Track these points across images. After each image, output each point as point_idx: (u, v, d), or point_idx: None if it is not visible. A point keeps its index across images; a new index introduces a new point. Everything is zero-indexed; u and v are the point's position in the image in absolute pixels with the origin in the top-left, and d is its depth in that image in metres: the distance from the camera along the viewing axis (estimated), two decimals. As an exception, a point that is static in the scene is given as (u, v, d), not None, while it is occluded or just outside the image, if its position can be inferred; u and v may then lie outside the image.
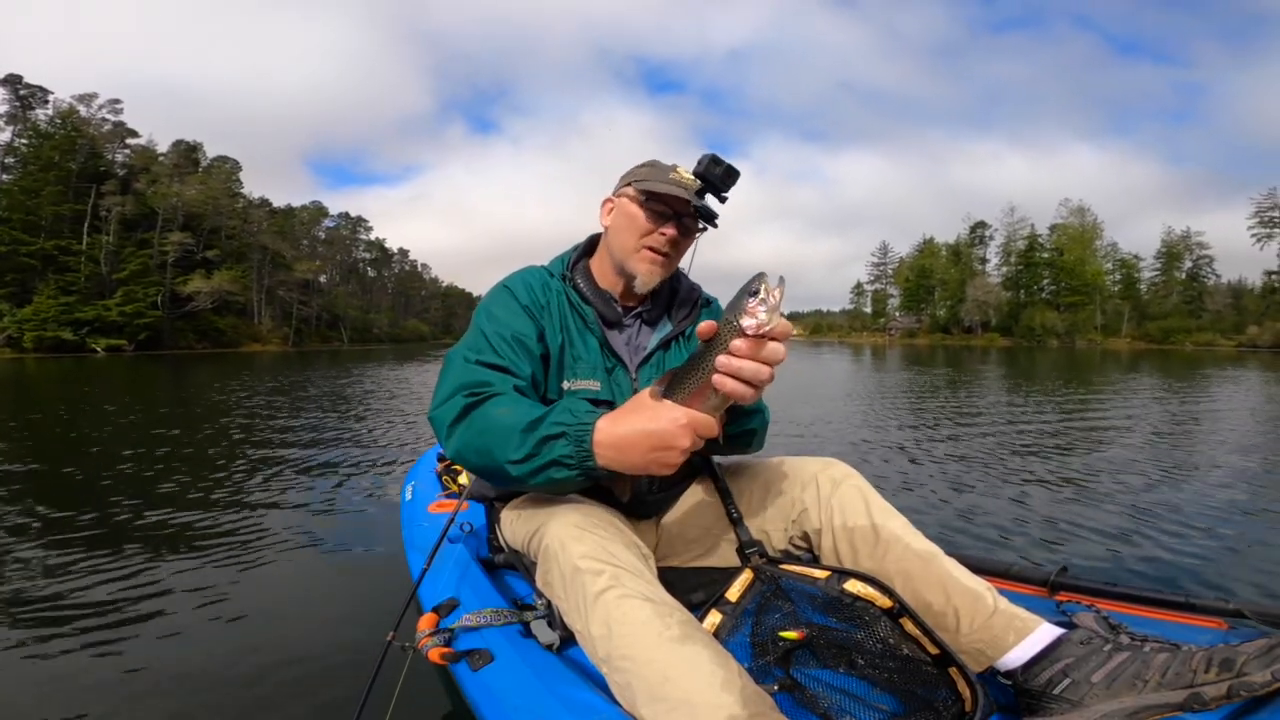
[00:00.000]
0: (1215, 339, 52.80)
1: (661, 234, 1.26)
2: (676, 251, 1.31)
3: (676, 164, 1.31)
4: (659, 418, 0.94)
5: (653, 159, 1.34)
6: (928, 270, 78.09)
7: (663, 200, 1.25)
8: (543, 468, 1.00)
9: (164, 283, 41.38)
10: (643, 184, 1.26)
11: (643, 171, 1.30)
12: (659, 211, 1.26)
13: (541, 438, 1.00)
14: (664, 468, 0.96)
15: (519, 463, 1.02)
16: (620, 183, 1.35)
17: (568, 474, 1.00)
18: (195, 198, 45.93)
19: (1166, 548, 2.64)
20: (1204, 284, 64.56)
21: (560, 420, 1.00)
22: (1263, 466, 4.33)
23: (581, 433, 0.98)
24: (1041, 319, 63.99)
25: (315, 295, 59.48)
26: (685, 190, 1.23)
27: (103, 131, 44.74)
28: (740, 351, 0.89)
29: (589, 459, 0.98)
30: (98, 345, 35.28)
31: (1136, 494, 3.54)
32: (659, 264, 1.28)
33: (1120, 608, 1.24)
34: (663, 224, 1.26)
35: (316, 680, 1.71)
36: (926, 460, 4.67)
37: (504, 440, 1.03)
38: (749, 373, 0.89)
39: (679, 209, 1.25)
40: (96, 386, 12.62)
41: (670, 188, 1.23)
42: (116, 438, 5.89)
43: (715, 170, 1.18)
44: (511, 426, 1.03)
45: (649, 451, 0.94)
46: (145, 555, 2.71)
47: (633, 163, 1.37)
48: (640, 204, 1.27)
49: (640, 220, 1.26)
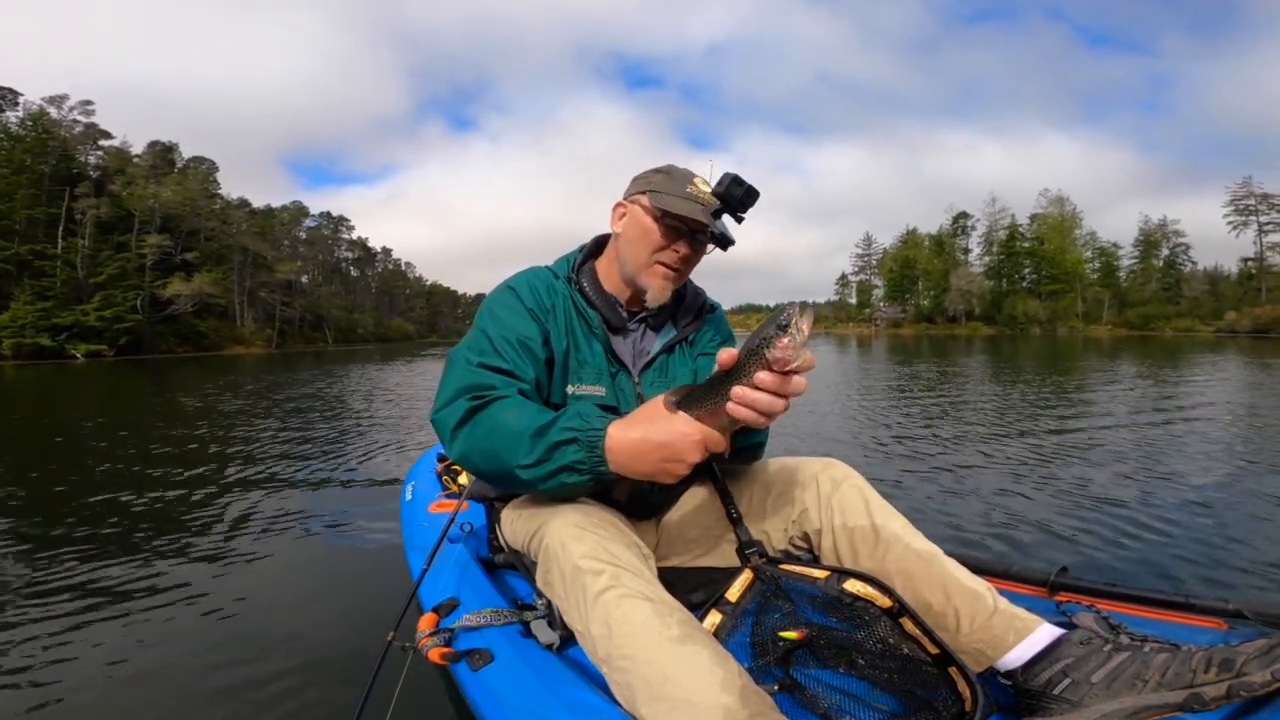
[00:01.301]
0: (1194, 325, 53.40)
1: (675, 251, 1.24)
2: (689, 267, 1.29)
3: (691, 173, 1.28)
4: (672, 430, 0.96)
5: (668, 165, 1.31)
6: (911, 261, 78.49)
7: (681, 219, 1.23)
8: (554, 473, 1.02)
9: (143, 286, 40.66)
10: (660, 199, 1.23)
11: (658, 180, 1.27)
12: (674, 227, 1.24)
13: (553, 443, 1.01)
14: (670, 477, 0.98)
15: (529, 467, 1.02)
16: (633, 187, 1.32)
17: (579, 479, 1.02)
18: (172, 199, 45.09)
19: (1166, 547, 2.61)
20: (1181, 271, 65.35)
21: (571, 425, 1.01)
22: (1261, 459, 4.29)
23: (594, 438, 0.99)
24: (1024, 308, 64.55)
25: (298, 296, 58.80)
26: (702, 210, 1.21)
27: (75, 133, 43.80)
28: (764, 384, 0.90)
29: (601, 464, 0.99)
30: (77, 351, 34.62)
31: (1132, 491, 3.50)
32: (671, 279, 1.27)
33: (1120, 608, 1.24)
34: (676, 241, 1.24)
35: (317, 680, 1.71)
36: (919, 456, 4.67)
37: (513, 445, 1.04)
38: (764, 404, 0.91)
39: (695, 227, 1.24)
40: (80, 392, 12.43)
41: (688, 207, 1.21)
42: (108, 443, 5.81)
43: (736, 192, 1.17)
44: (521, 431, 1.04)
45: (659, 461, 0.97)
46: (145, 556, 2.70)
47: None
48: (655, 218, 1.24)
49: (654, 235, 1.24)
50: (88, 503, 3.67)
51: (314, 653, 1.86)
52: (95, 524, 3.23)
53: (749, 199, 1.18)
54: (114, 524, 3.23)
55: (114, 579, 2.46)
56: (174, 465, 4.73)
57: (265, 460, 4.86)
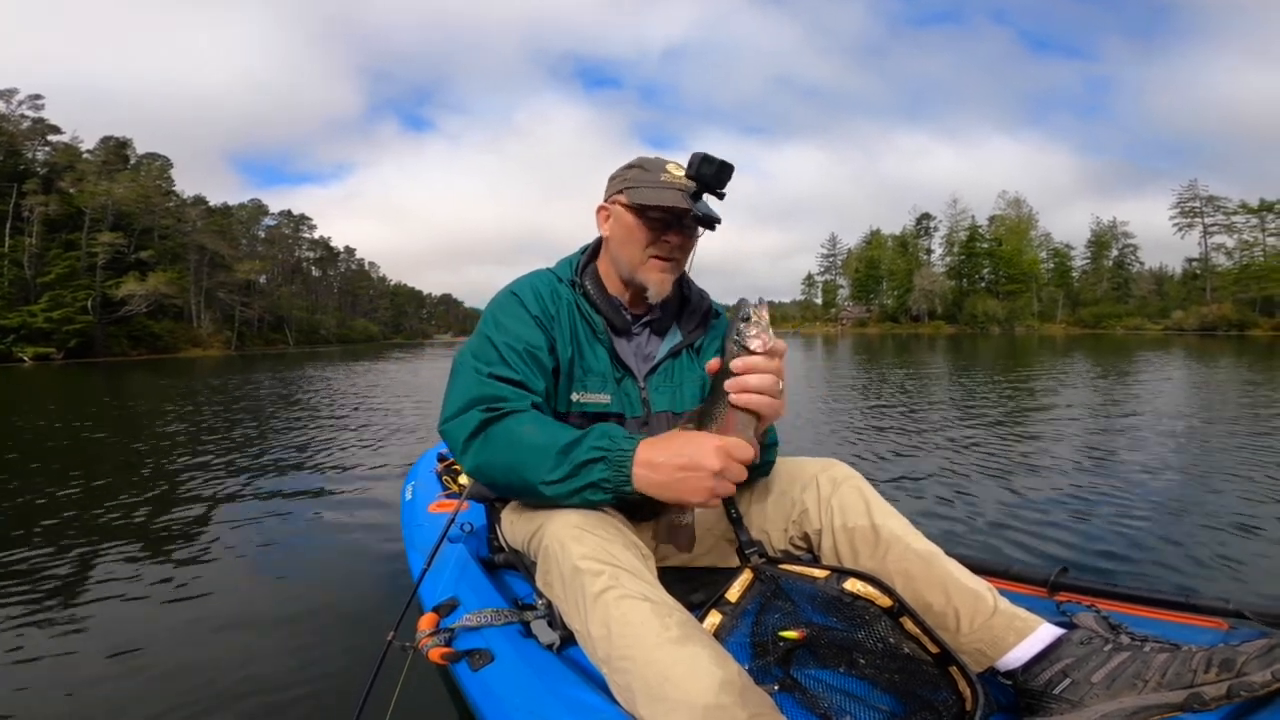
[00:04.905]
0: (1143, 323, 55.19)
1: (666, 242, 1.24)
2: (684, 253, 1.28)
3: (664, 160, 1.27)
4: (691, 441, 0.99)
5: (639, 158, 1.29)
6: (876, 261, 79.84)
7: (661, 209, 1.22)
8: (579, 489, 1.03)
9: (94, 286, 39.22)
10: (636, 194, 1.22)
11: (633, 175, 1.26)
12: (657, 219, 1.23)
13: (581, 461, 1.02)
14: (695, 493, 0.98)
15: (554, 483, 1.03)
16: (610, 187, 1.31)
17: (603, 496, 1.03)
18: (126, 196, 43.51)
19: (1166, 546, 2.60)
20: (1129, 271, 67.64)
21: (600, 445, 1.02)
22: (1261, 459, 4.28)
23: (621, 458, 1.00)
24: (984, 307, 66.16)
25: (257, 296, 57.43)
26: (680, 196, 1.20)
27: (21, 129, 42.14)
28: (749, 367, 1.00)
29: (626, 483, 1.00)
30: (24, 354, 33.29)
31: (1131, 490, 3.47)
32: (668, 270, 1.26)
33: (1120, 608, 1.24)
34: (664, 232, 1.23)
35: (316, 680, 1.70)
36: (910, 454, 4.70)
37: (537, 460, 1.04)
38: (756, 383, 0.99)
39: (680, 215, 1.23)
40: (38, 395, 11.96)
41: (664, 196, 1.20)
42: (96, 448, 5.68)
43: (708, 170, 1.15)
44: (545, 447, 1.04)
45: (677, 470, 0.97)
46: (144, 557, 2.70)
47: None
48: (637, 214, 1.23)
49: (641, 231, 1.24)
50: (88, 502, 3.65)
51: (314, 652, 1.86)
52: (94, 523, 3.21)
53: (724, 174, 1.16)
54: (112, 527, 3.19)
55: (113, 580, 2.44)
56: (164, 468, 4.67)
57: (262, 462, 4.84)
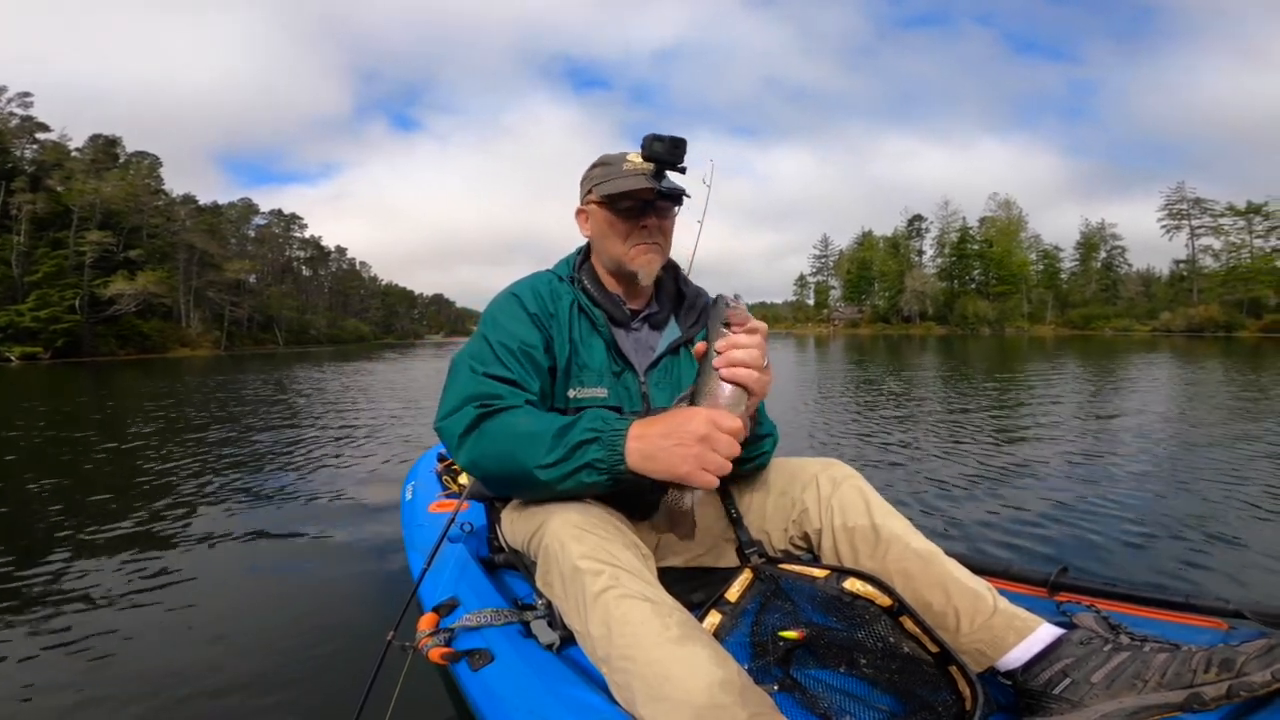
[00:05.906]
0: (1131, 325, 55.44)
1: (643, 227, 1.27)
2: (664, 235, 1.31)
3: (625, 152, 1.30)
4: (679, 413, 1.00)
5: (601, 156, 1.33)
6: (867, 262, 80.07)
7: (627, 196, 1.24)
8: (573, 471, 1.03)
9: (82, 285, 38.84)
10: (603, 188, 1.26)
11: (597, 173, 1.30)
12: (629, 208, 1.26)
13: (575, 442, 1.02)
14: (684, 460, 0.96)
15: (549, 466, 1.03)
16: (582, 189, 1.34)
17: (598, 478, 1.03)
18: (115, 194, 43.23)
19: (1165, 546, 2.61)
20: (1118, 273, 68.12)
21: (593, 426, 1.03)
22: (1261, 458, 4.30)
23: (615, 438, 1.01)
24: (974, 308, 66.44)
25: (247, 296, 57.01)
26: (643, 179, 1.23)
27: (10, 126, 41.77)
28: (734, 342, 1.00)
29: (620, 463, 1.01)
30: (11, 354, 32.92)
31: (1130, 489, 3.50)
32: (654, 251, 1.28)
33: (1120, 608, 1.24)
34: (639, 218, 1.26)
35: (316, 680, 1.71)
36: (906, 455, 4.72)
37: (532, 445, 1.04)
38: (742, 355, 0.99)
39: (646, 197, 1.25)
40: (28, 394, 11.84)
41: (629, 182, 1.23)
42: (94, 448, 5.64)
43: (660, 148, 1.18)
44: (540, 432, 1.05)
45: (660, 438, 0.98)
46: (142, 559, 2.69)
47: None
48: (608, 208, 1.27)
49: (616, 224, 1.27)
50: (86, 504, 3.66)
51: (314, 652, 1.86)
52: (88, 526, 3.20)
53: (677, 148, 1.18)
54: (108, 529, 3.17)
55: (112, 581, 2.44)
56: (158, 469, 4.66)
57: (261, 463, 4.84)
